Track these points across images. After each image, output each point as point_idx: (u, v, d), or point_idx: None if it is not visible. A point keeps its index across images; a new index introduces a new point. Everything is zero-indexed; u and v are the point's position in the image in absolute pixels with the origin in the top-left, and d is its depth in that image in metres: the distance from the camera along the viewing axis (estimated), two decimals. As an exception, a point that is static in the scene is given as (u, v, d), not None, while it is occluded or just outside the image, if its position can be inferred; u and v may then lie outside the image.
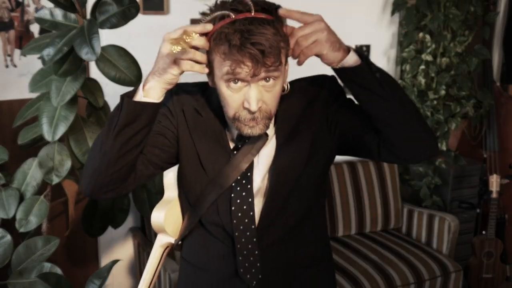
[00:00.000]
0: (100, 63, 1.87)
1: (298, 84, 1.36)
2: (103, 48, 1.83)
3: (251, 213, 1.34)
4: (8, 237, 1.97)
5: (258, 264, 1.36)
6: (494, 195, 2.91)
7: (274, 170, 1.34)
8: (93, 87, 2.06)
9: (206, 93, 1.37)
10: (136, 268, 2.72)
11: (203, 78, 1.32)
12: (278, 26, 1.17)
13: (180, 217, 1.46)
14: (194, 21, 2.62)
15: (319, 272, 1.46)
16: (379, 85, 1.22)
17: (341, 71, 1.23)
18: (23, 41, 2.34)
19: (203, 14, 1.24)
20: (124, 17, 1.82)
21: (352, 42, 3.10)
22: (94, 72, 2.15)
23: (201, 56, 1.19)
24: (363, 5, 3.03)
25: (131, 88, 1.25)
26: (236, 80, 1.20)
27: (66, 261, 2.53)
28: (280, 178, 1.34)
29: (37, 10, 2.33)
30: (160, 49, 1.19)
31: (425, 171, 3.14)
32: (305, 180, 1.35)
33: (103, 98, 2.08)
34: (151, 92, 1.21)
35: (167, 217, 1.42)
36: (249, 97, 1.20)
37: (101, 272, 2.04)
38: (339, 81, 1.33)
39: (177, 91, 1.34)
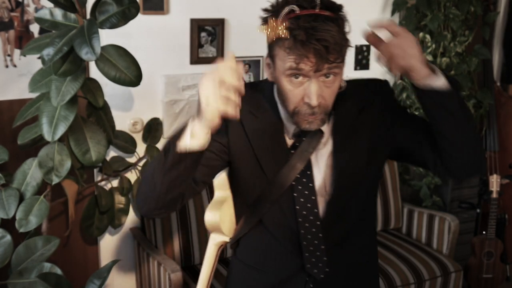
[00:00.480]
0: (100, 63, 1.87)
1: (352, 84, 1.37)
2: (103, 48, 1.83)
3: (315, 210, 1.36)
4: (8, 237, 1.97)
5: (325, 258, 1.39)
6: (494, 195, 2.91)
7: (336, 169, 1.36)
8: (93, 87, 2.06)
9: (257, 92, 1.37)
10: (136, 268, 2.72)
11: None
12: (341, 23, 1.22)
13: (233, 216, 1.48)
14: (193, 21, 2.62)
15: (372, 272, 1.55)
16: (461, 110, 1.25)
17: (426, 91, 1.24)
18: (23, 41, 2.33)
19: (265, 10, 1.26)
20: (124, 17, 1.82)
21: (352, 42, 3.09)
22: (94, 72, 2.15)
23: (235, 97, 1.13)
24: (363, 5, 3.03)
25: (130, 88, 1.25)
26: (298, 75, 1.21)
27: (66, 261, 2.52)
28: (343, 178, 1.36)
29: (37, 10, 2.33)
30: (199, 93, 1.13)
31: (425, 171, 3.14)
32: (365, 182, 1.40)
33: (103, 98, 2.09)
34: (196, 136, 1.16)
35: (222, 216, 1.43)
36: (310, 92, 1.21)
37: (101, 272, 2.04)
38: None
39: None
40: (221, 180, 1.46)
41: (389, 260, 2.71)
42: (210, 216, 1.43)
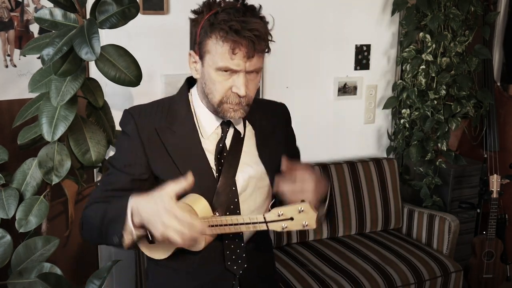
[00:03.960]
0: (100, 63, 1.87)
1: (261, 102, 1.62)
2: (102, 48, 1.82)
3: (238, 211, 1.49)
4: (8, 237, 1.97)
5: (244, 255, 1.51)
6: (495, 195, 2.91)
7: (268, 164, 1.53)
8: (93, 87, 2.05)
9: (172, 106, 1.50)
10: (136, 268, 2.72)
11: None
12: (264, 19, 1.38)
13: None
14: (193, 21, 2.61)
15: (273, 266, 1.72)
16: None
17: None
18: (23, 41, 2.33)
19: (195, 12, 1.43)
20: (124, 17, 1.82)
21: (352, 42, 3.10)
22: (94, 72, 2.14)
23: None
24: (363, 5, 3.03)
25: (130, 88, 1.27)
26: (228, 70, 1.36)
27: (66, 261, 2.53)
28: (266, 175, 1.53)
29: (36, 10, 2.33)
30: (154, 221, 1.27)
31: (425, 171, 3.14)
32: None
33: (103, 98, 2.08)
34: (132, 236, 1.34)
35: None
36: (239, 83, 1.37)
37: (101, 272, 2.04)
38: None
39: (139, 115, 1.46)
40: None
41: (389, 260, 2.71)
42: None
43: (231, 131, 1.51)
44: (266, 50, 1.39)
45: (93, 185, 2.41)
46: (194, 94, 1.52)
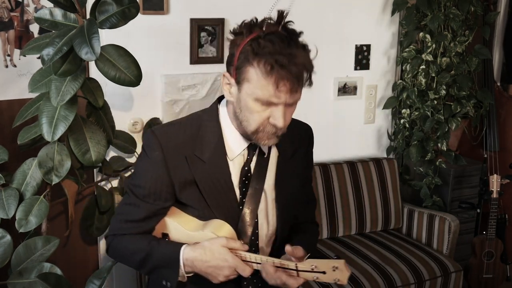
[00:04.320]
0: (100, 63, 1.87)
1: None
2: (102, 48, 1.82)
3: (256, 231, 1.49)
4: (8, 237, 1.97)
5: (259, 274, 1.46)
6: (495, 195, 2.91)
7: (280, 192, 1.53)
8: (93, 87, 2.05)
9: (200, 129, 1.45)
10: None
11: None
12: (307, 49, 1.35)
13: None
14: (193, 21, 2.62)
15: None
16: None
17: None
18: (23, 41, 2.33)
19: (234, 32, 1.35)
20: (124, 17, 1.82)
21: (352, 42, 3.10)
22: (94, 72, 2.14)
23: None
24: (363, 5, 3.03)
25: (130, 88, 1.27)
26: (268, 103, 1.32)
27: (66, 261, 2.52)
28: (285, 199, 1.54)
29: (36, 10, 2.33)
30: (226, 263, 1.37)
31: (425, 171, 3.14)
32: (296, 204, 1.60)
33: (103, 98, 2.08)
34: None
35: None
36: (279, 116, 1.33)
37: (101, 272, 2.04)
38: None
39: (167, 142, 1.42)
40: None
41: (389, 260, 2.71)
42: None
43: (256, 153, 1.49)
44: (308, 83, 1.34)
45: (93, 185, 2.41)
46: (223, 112, 1.47)
